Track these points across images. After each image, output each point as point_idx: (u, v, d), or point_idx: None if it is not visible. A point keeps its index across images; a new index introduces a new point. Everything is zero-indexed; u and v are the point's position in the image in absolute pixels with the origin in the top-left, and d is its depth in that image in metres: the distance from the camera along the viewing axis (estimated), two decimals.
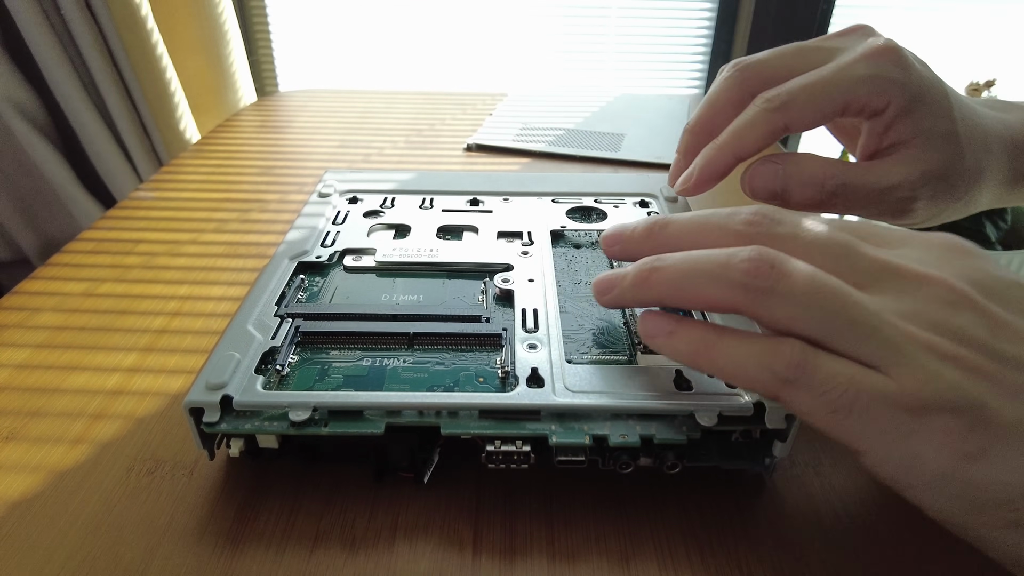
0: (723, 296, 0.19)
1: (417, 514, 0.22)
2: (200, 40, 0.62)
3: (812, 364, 0.18)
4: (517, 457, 0.21)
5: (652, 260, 0.21)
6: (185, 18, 0.60)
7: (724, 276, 0.19)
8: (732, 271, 0.19)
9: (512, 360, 0.24)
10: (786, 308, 0.18)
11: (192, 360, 0.30)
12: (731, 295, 0.19)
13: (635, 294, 0.21)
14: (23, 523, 0.22)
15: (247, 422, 0.21)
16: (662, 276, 0.20)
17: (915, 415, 0.17)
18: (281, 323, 0.25)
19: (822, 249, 0.19)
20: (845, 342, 0.18)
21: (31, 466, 0.24)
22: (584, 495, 0.23)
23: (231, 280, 0.36)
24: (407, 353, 0.24)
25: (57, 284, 0.36)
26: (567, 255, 0.32)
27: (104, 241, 0.40)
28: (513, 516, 0.22)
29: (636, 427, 0.21)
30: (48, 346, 0.31)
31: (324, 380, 0.23)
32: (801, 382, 0.18)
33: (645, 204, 0.36)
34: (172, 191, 0.47)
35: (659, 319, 0.21)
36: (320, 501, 0.23)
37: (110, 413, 0.27)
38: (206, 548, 0.21)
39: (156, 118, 0.60)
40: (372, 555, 0.21)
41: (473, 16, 1.05)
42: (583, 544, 0.21)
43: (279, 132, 0.60)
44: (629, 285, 0.21)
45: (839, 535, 0.22)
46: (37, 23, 0.53)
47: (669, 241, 0.22)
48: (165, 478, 0.24)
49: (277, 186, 0.48)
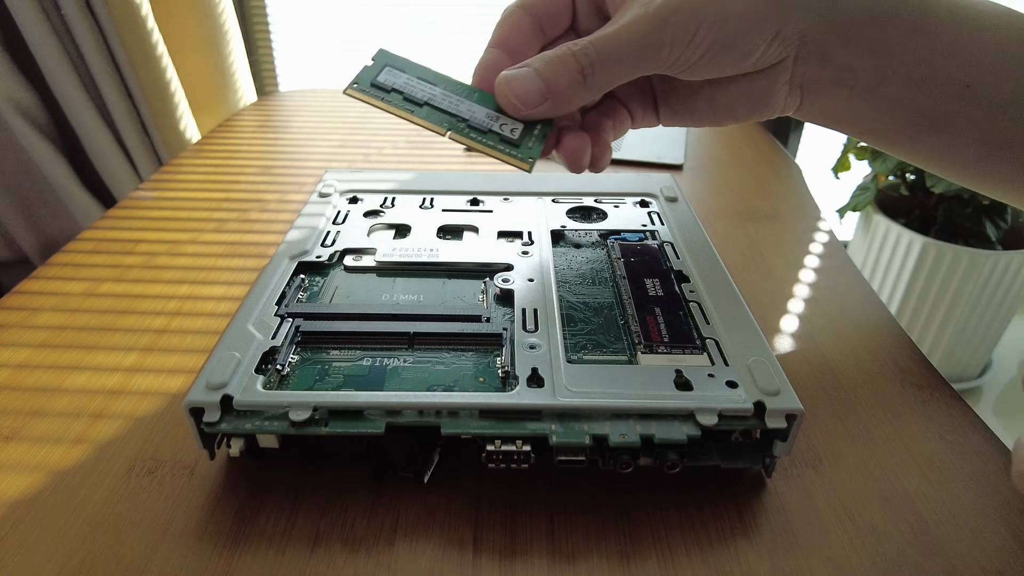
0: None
1: (417, 513, 0.22)
2: (200, 40, 0.62)
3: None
4: (517, 457, 0.21)
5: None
6: (185, 18, 0.60)
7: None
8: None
9: (512, 360, 0.24)
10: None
11: (192, 360, 0.30)
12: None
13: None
14: (23, 523, 0.22)
15: (247, 422, 0.21)
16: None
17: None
18: (281, 323, 0.25)
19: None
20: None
21: (31, 466, 0.24)
22: (584, 494, 0.23)
23: (231, 280, 0.36)
24: (407, 353, 0.25)
25: (57, 284, 0.36)
26: (567, 255, 0.32)
27: (104, 241, 0.40)
28: (513, 515, 0.22)
29: (636, 427, 0.21)
30: (48, 346, 0.31)
31: (324, 380, 0.23)
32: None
33: (645, 204, 0.36)
34: (172, 191, 0.47)
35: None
36: (320, 501, 0.23)
37: (110, 413, 0.27)
38: (206, 548, 0.21)
39: (156, 118, 0.60)
40: (372, 554, 0.21)
41: (473, 16, 1.05)
42: (583, 543, 0.21)
43: (279, 132, 0.60)
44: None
45: (839, 535, 0.22)
46: (37, 23, 0.53)
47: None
48: (165, 478, 0.24)
49: (277, 186, 0.48)
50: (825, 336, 0.32)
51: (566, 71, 0.25)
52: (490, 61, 0.28)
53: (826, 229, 0.43)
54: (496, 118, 0.27)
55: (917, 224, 1.01)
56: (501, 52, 0.28)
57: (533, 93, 0.26)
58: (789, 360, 0.30)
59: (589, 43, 0.25)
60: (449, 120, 0.26)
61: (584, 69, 0.25)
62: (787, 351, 0.31)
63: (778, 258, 0.39)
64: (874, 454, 0.25)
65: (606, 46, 0.25)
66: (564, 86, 0.26)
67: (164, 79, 0.58)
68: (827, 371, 0.30)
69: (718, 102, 0.28)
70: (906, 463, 0.25)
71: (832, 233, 0.42)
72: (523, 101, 0.26)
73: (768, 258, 0.39)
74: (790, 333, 0.32)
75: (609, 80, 0.26)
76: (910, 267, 1.01)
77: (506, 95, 0.26)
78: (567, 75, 0.25)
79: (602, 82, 0.26)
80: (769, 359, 0.24)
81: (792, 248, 0.40)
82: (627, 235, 0.33)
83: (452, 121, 0.26)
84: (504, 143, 0.26)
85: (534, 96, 0.26)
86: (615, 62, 0.25)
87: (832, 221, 0.50)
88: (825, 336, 0.32)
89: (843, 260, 0.39)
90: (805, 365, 0.30)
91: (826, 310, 0.34)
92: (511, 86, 0.26)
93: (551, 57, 0.26)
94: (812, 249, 0.40)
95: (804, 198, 0.47)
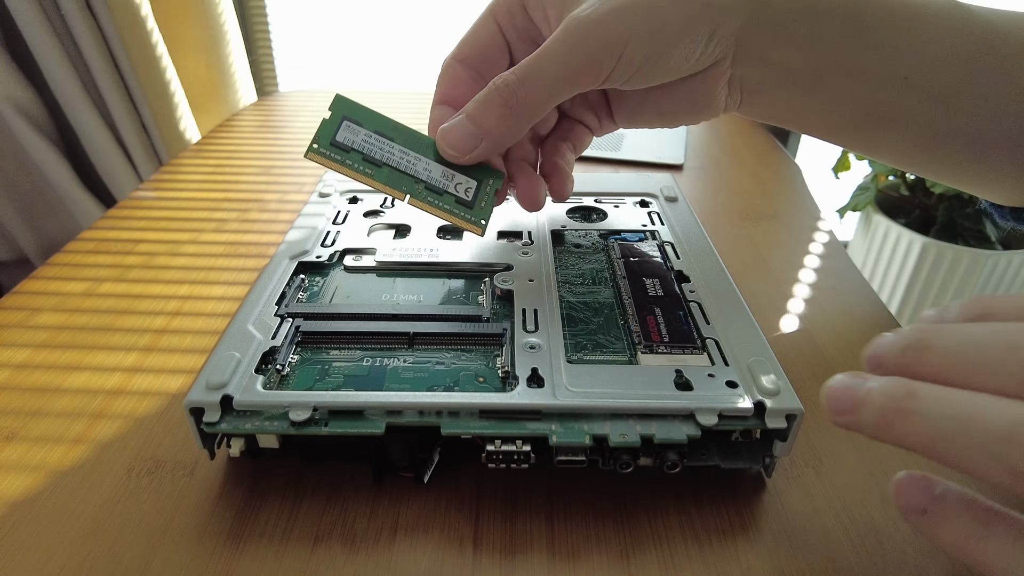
0: (995, 477, 0.14)
1: (417, 513, 0.22)
2: (200, 40, 0.62)
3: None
4: (517, 457, 0.21)
5: (904, 392, 0.16)
6: (185, 18, 0.60)
7: (1000, 454, 0.14)
8: (1014, 451, 0.14)
9: (512, 360, 0.24)
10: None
11: (192, 360, 0.30)
12: (1008, 480, 0.14)
13: (876, 432, 0.16)
14: (23, 523, 0.22)
15: (247, 422, 0.21)
16: (913, 425, 0.15)
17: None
18: (281, 323, 0.25)
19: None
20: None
21: (31, 466, 0.24)
22: (584, 494, 0.23)
23: (231, 280, 0.36)
24: (407, 353, 0.25)
25: (57, 284, 0.36)
26: (567, 255, 0.32)
27: (104, 241, 0.40)
28: (513, 515, 0.22)
29: (636, 427, 0.21)
30: (48, 346, 0.31)
31: (324, 380, 0.23)
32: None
33: (645, 204, 0.36)
34: (172, 191, 0.47)
35: (910, 491, 0.17)
36: (320, 500, 0.23)
37: (110, 413, 0.27)
38: (206, 548, 0.21)
39: (156, 118, 0.59)
40: (372, 554, 0.21)
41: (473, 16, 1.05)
42: (583, 543, 0.21)
43: (279, 132, 0.60)
44: (870, 420, 0.16)
45: (839, 535, 0.22)
46: (37, 23, 0.53)
47: (930, 371, 0.16)
48: (165, 478, 0.24)
49: (277, 186, 0.48)
50: (825, 336, 0.32)
51: (492, 108, 0.25)
52: (437, 119, 0.28)
53: (826, 229, 0.43)
54: (451, 176, 0.27)
55: (917, 224, 1.01)
56: (447, 108, 0.28)
57: (467, 138, 0.26)
58: (789, 360, 0.30)
59: (511, 73, 0.25)
60: (408, 182, 0.27)
61: (508, 101, 0.25)
62: (787, 351, 0.31)
63: (778, 258, 0.39)
64: (874, 454, 0.25)
65: (527, 74, 0.25)
66: (494, 123, 0.25)
67: (164, 79, 0.58)
68: (827, 371, 0.30)
69: (663, 107, 0.29)
70: (906, 463, 0.25)
71: (832, 233, 0.42)
72: (459, 149, 0.26)
73: (768, 258, 0.39)
74: (790, 333, 0.32)
75: (538, 107, 0.25)
76: (910, 267, 1.01)
77: (443, 148, 0.27)
78: (494, 111, 0.25)
79: (531, 111, 0.25)
80: (769, 359, 0.24)
81: (792, 248, 0.40)
82: (627, 235, 0.33)
83: (410, 183, 0.27)
84: (459, 205, 0.27)
85: (468, 141, 0.26)
86: (540, 89, 0.25)
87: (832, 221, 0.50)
88: (825, 336, 0.32)
89: (843, 260, 0.39)
90: (805, 365, 0.30)
91: (826, 310, 0.34)
92: (447, 138, 0.26)
93: (479, 97, 0.26)
94: (812, 249, 0.40)
95: (804, 198, 0.47)
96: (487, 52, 0.29)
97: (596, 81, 0.25)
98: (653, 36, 0.24)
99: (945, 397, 0.15)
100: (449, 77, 0.29)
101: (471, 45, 0.29)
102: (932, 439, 0.15)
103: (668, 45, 0.24)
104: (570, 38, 0.24)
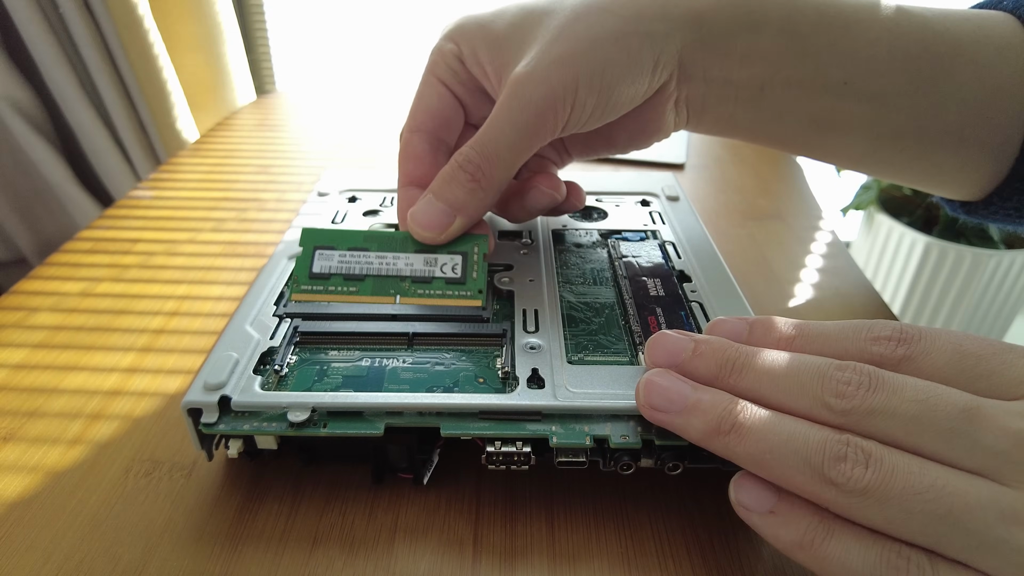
0: (813, 490, 0.17)
1: (417, 514, 0.22)
2: (198, 38, 0.62)
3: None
4: (518, 458, 0.21)
5: (731, 413, 0.18)
6: (183, 16, 0.60)
7: (812, 466, 0.17)
8: (825, 463, 0.17)
9: (512, 360, 0.24)
10: (885, 512, 0.16)
11: (190, 360, 0.30)
12: (822, 492, 0.17)
13: (702, 438, 0.19)
14: (21, 523, 0.22)
15: (245, 423, 0.21)
16: (741, 445, 0.18)
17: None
18: (280, 323, 0.25)
19: (933, 423, 0.17)
20: (963, 552, 0.16)
21: (29, 466, 0.24)
22: (585, 496, 0.23)
23: (229, 280, 0.36)
24: (407, 353, 0.24)
25: (55, 284, 0.35)
26: (568, 254, 0.31)
27: (102, 240, 0.40)
28: (513, 516, 0.22)
29: (637, 428, 0.21)
30: (46, 346, 0.30)
31: (323, 380, 0.23)
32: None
33: (646, 204, 0.36)
34: (170, 190, 0.47)
35: (758, 491, 0.18)
36: (319, 501, 0.23)
37: (108, 413, 0.26)
38: (204, 549, 0.21)
39: (154, 116, 0.59)
40: (371, 556, 0.21)
41: None
42: (584, 545, 0.21)
43: (277, 131, 0.60)
44: (698, 432, 0.19)
45: None
46: (35, 21, 0.52)
47: (744, 391, 0.19)
48: (163, 479, 0.23)
49: (275, 185, 0.48)
50: None
51: (459, 185, 0.25)
52: (405, 201, 0.27)
53: (828, 229, 0.43)
54: (434, 260, 0.26)
55: (920, 223, 1.01)
56: (413, 188, 0.28)
57: (439, 216, 0.26)
58: None
59: (470, 148, 0.25)
60: (394, 284, 0.26)
61: (474, 175, 0.25)
62: None
63: (780, 258, 0.39)
64: None
65: (485, 147, 0.25)
66: (464, 199, 0.26)
67: (162, 78, 0.58)
68: None
69: (614, 137, 0.29)
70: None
71: (835, 233, 0.42)
72: (433, 228, 0.26)
73: (770, 258, 0.39)
74: None
75: (504, 175, 0.26)
76: (913, 267, 1.01)
77: (417, 232, 0.26)
78: (462, 188, 0.25)
79: (498, 180, 0.26)
80: None
81: (794, 248, 0.40)
82: (628, 234, 0.33)
83: (396, 284, 0.26)
84: (451, 286, 0.26)
85: (441, 219, 0.26)
86: (501, 159, 0.25)
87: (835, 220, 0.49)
88: None
89: (846, 260, 0.39)
90: None
91: (828, 310, 0.34)
92: (418, 221, 0.26)
93: (443, 175, 0.26)
94: (814, 249, 0.40)
95: (806, 197, 0.47)
96: (441, 115, 0.29)
97: (553, 134, 0.25)
98: (600, 78, 0.24)
99: (768, 419, 0.18)
100: (410, 155, 0.28)
101: (424, 113, 0.29)
102: (756, 456, 0.18)
103: (616, 83, 0.25)
104: (519, 101, 0.24)
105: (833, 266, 0.38)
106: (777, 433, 0.18)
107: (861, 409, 0.17)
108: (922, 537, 0.16)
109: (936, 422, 0.17)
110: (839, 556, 0.17)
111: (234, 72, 0.66)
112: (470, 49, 0.27)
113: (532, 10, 0.26)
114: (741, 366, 0.19)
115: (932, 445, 0.17)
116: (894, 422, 0.17)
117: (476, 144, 0.25)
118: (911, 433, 0.17)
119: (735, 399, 0.19)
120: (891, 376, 0.18)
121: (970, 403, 0.17)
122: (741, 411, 0.18)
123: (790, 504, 0.18)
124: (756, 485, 0.18)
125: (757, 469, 0.18)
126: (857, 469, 0.16)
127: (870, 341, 0.19)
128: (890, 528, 0.16)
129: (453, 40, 0.28)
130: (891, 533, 0.16)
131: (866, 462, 0.16)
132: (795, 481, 0.17)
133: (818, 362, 0.19)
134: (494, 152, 0.25)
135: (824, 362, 0.18)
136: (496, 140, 0.25)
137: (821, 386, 0.18)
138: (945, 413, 0.17)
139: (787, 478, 0.17)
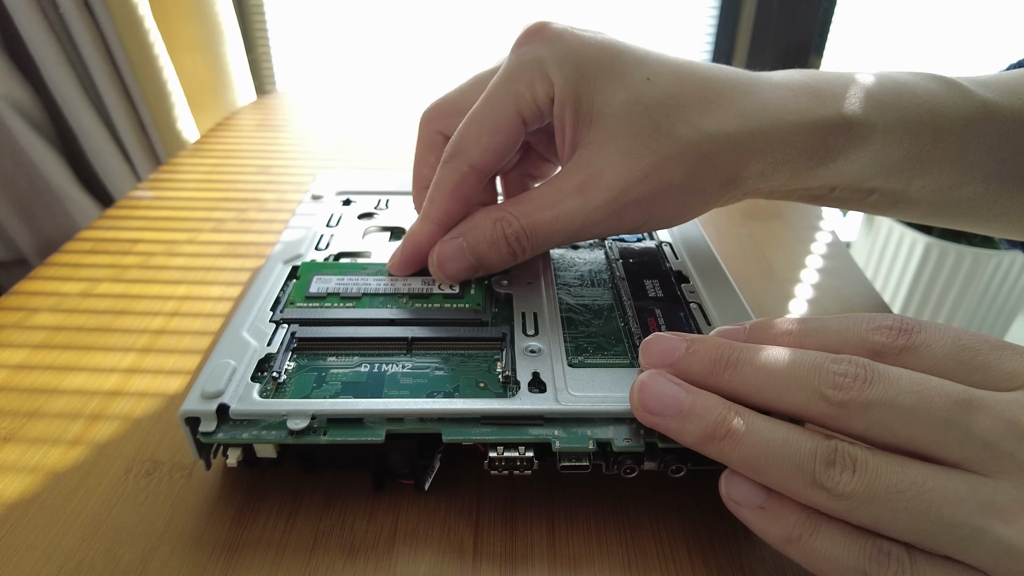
0: (805, 494, 0.17)
1: (417, 518, 0.22)
2: (198, 39, 0.62)
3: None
4: (520, 463, 0.21)
5: (725, 419, 0.19)
6: (183, 16, 0.60)
7: (804, 471, 0.17)
8: (816, 469, 0.17)
9: (513, 364, 0.24)
10: (873, 513, 0.16)
11: (190, 361, 0.30)
12: (813, 495, 0.17)
13: (698, 442, 0.19)
14: (21, 524, 0.22)
15: (244, 431, 0.21)
16: (736, 451, 0.18)
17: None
18: (276, 329, 0.25)
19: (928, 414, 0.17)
20: (947, 546, 0.16)
21: (29, 467, 0.24)
22: (586, 499, 0.23)
23: (229, 280, 0.36)
24: (406, 358, 0.24)
25: (55, 284, 0.35)
26: (565, 257, 0.31)
27: (102, 241, 0.40)
28: (514, 520, 0.22)
29: (640, 431, 0.21)
30: (46, 347, 0.30)
31: (322, 387, 0.23)
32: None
33: None
34: (170, 190, 0.47)
35: (748, 487, 0.19)
36: (319, 505, 0.23)
37: (108, 414, 0.26)
38: (204, 551, 0.21)
39: (154, 117, 0.59)
40: (371, 560, 0.21)
41: (473, 15, 1.05)
42: (585, 549, 0.21)
43: (277, 131, 0.60)
44: (692, 437, 0.19)
45: None
46: (35, 21, 0.52)
47: (739, 387, 0.19)
48: (163, 480, 0.23)
49: (275, 185, 0.48)
50: None
51: (497, 252, 0.26)
52: (425, 237, 0.27)
53: (828, 228, 0.42)
54: (432, 279, 0.27)
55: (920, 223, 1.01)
56: (435, 227, 0.26)
57: (465, 269, 0.26)
58: None
59: (522, 229, 0.25)
60: (391, 300, 0.27)
61: (515, 250, 0.26)
62: None
63: (780, 258, 0.39)
64: None
65: (539, 228, 0.25)
66: (496, 264, 0.26)
67: (162, 78, 0.57)
68: None
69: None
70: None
71: (835, 232, 0.42)
72: (455, 279, 0.27)
73: (770, 258, 0.39)
74: None
75: (540, 252, 0.26)
76: (913, 267, 1.01)
77: (437, 274, 0.27)
78: (498, 256, 0.26)
79: (533, 254, 0.26)
80: None
81: (794, 248, 0.40)
82: (625, 236, 0.33)
83: (394, 300, 0.27)
84: (449, 300, 0.27)
85: (467, 272, 0.26)
86: (546, 244, 0.26)
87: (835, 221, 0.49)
88: None
89: (846, 260, 0.39)
90: None
91: (828, 311, 0.34)
92: (444, 269, 0.26)
93: (484, 235, 0.25)
94: (814, 249, 0.40)
95: None
96: (508, 155, 0.26)
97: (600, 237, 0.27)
98: (669, 221, 0.26)
99: (764, 425, 0.18)
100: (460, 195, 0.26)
101: (494, 153, 0.25)
102: (750, 462, 0.18)
103: (683, 218, 0.26)
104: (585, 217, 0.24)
105: (833, 266, 0.38)
106: (771, 439, 0.18)
107: (858, 401, 0.17)
108: (908, 534, 0.16)
109: (931, 413, 0.17)
110: (825, 550, 0.17)
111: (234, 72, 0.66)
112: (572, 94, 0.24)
113: (654, 110, 0.23)
114: (735, 361, 0.20)
115: (927, 436, 0.17)
116: (890, 413, 0.17)
117: (529, 224, 0.25)
118: (907, 424, 0.17)
119: (730, 404, 0.19)
120: (887, 368, 0.18)
121: (964, 394, 0.17)
122: (736, 417, 0.19)
123: (779, 501, 0.18)
124: (746, 481, 0.19)
125: (751, 473, 0.19)
126: (845, 474, 0.17)
127: (871, 331, 0.19)
128: (879, 527, 0.17)
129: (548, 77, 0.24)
130: (881, 532, 0.17)
131: (853, 466, 0.17)
132: (787, 485, 0.18)
133: (813, 355, 0.19)
134: (546, 238, 0.25)
135: (819, 355, 0.19)
136: (551, 228, 0.25)
137: (818, 378, 0.18)
138: (940, 404, 0.17)
139: (780, 482, 0.18)
